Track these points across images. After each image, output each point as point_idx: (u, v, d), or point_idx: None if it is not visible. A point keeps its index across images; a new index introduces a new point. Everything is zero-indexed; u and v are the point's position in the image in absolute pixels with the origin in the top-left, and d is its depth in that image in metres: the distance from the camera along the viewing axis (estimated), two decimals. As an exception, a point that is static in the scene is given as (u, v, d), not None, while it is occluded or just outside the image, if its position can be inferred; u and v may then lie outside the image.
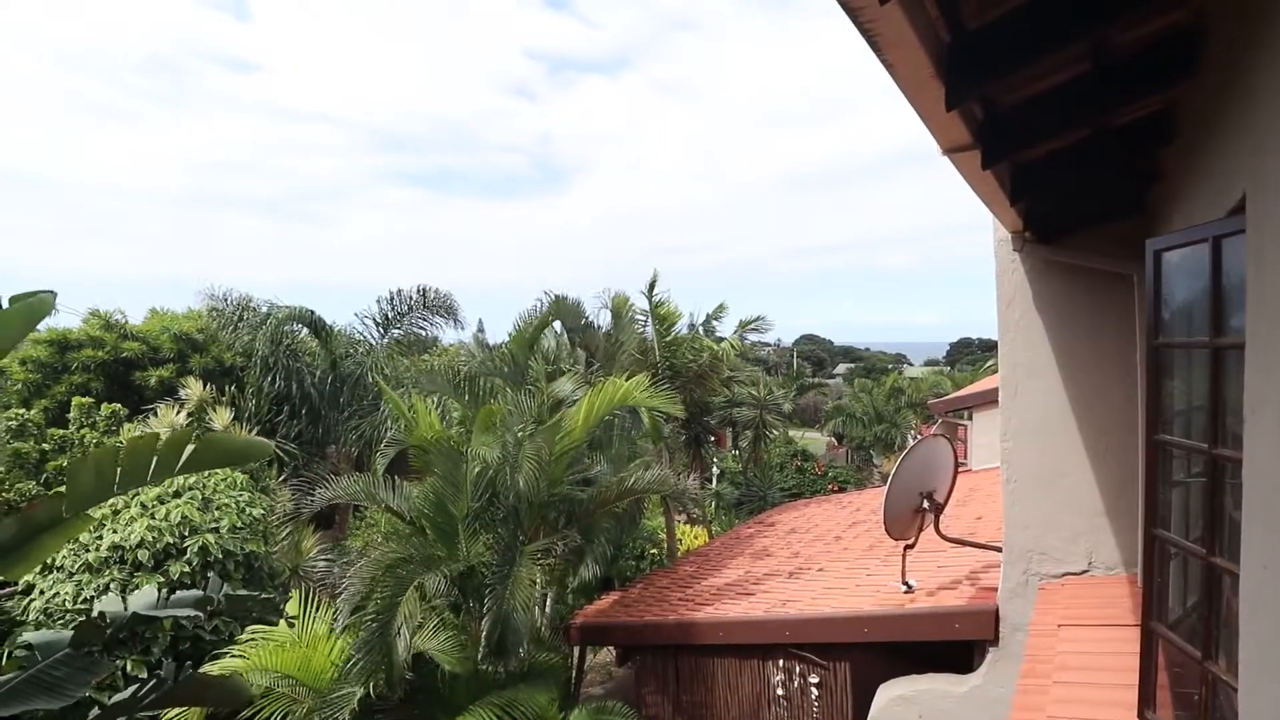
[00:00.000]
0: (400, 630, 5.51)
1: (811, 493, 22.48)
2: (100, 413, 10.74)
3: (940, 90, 2.14)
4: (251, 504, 8.37)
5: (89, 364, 12.73)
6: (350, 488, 7.36)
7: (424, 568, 6.38)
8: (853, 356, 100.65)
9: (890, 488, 5.14)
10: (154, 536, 7.16)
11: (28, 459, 10.31)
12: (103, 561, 7.02)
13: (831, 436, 34.64)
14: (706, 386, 13.61)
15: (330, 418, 13.21)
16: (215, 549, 7.35)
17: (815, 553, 8.39)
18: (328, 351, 13.58)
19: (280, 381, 12.51)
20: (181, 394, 11.65)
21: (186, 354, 13.63)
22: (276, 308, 12.99)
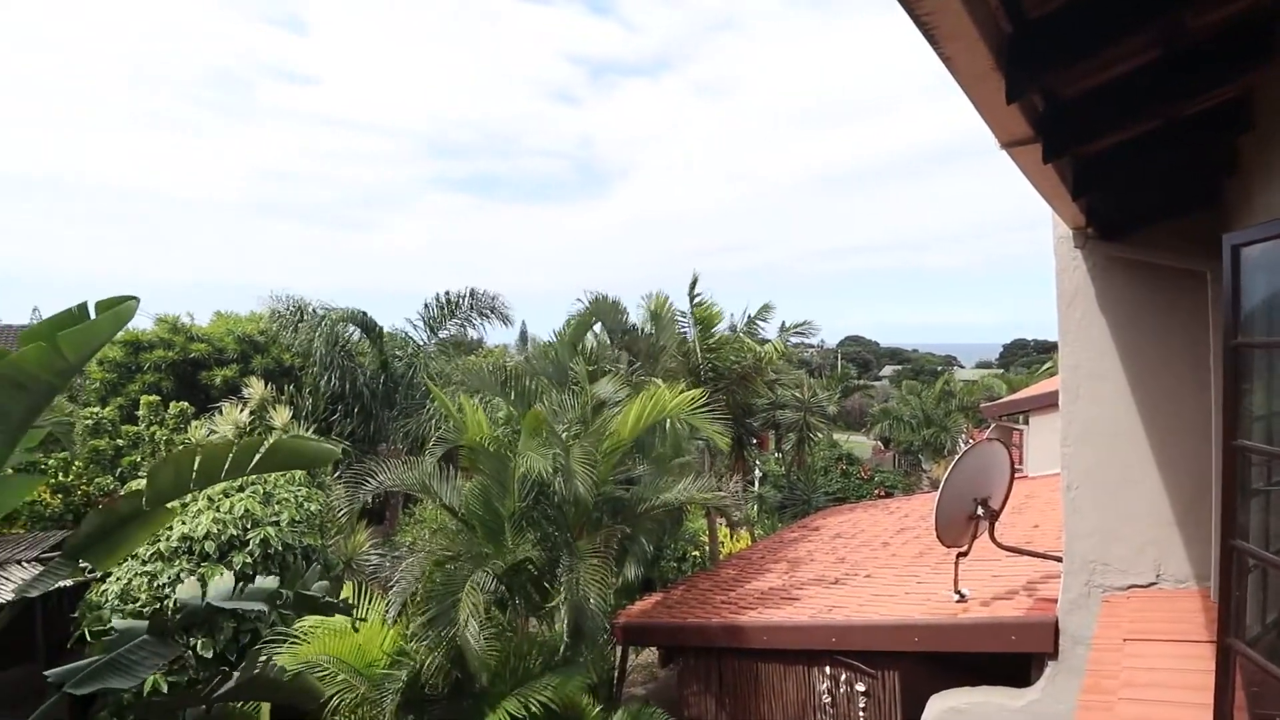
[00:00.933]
0: (451, 622, 5.64)
1: (857, 497, 22.03)
2: (169, 411, 11.33)
3: (1000, 83, 2.08)
4: (309, 499, 8.70)
5: (160, 364, 13.45)
6: (407, 477, 7.57)
7: (472, 564, 6.52)
8: (899, 358, 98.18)
9: (942, 493, 5.00)
10: (219, 529, 7.53)
11: (104, 455, 10.95)
12: (173, 551, 7.42)
13: (878, 440, 33.85)
14: (750, 388, 13.49)
15: (381, 416, 13.63)
16: (276, 541, 7.67)
17: (862, 559, 8.22)
18: (379, 352, 14.02)
19: (336, 381, 12.98)
20: (244, 393, 12.20)
21: (249, 354, 14.26)
22: (332, 309, 13.49)
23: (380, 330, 14.16)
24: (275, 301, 13.68)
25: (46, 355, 2.74)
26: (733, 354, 13.03)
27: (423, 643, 5.95)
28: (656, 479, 8.25)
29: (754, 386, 13.65)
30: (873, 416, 33.70)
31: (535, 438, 7.24)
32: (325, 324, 13.09)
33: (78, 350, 2.83)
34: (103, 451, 10.89)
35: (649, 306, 12.64)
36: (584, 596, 6.28)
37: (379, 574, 9.21)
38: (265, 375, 13.32)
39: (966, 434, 27.68)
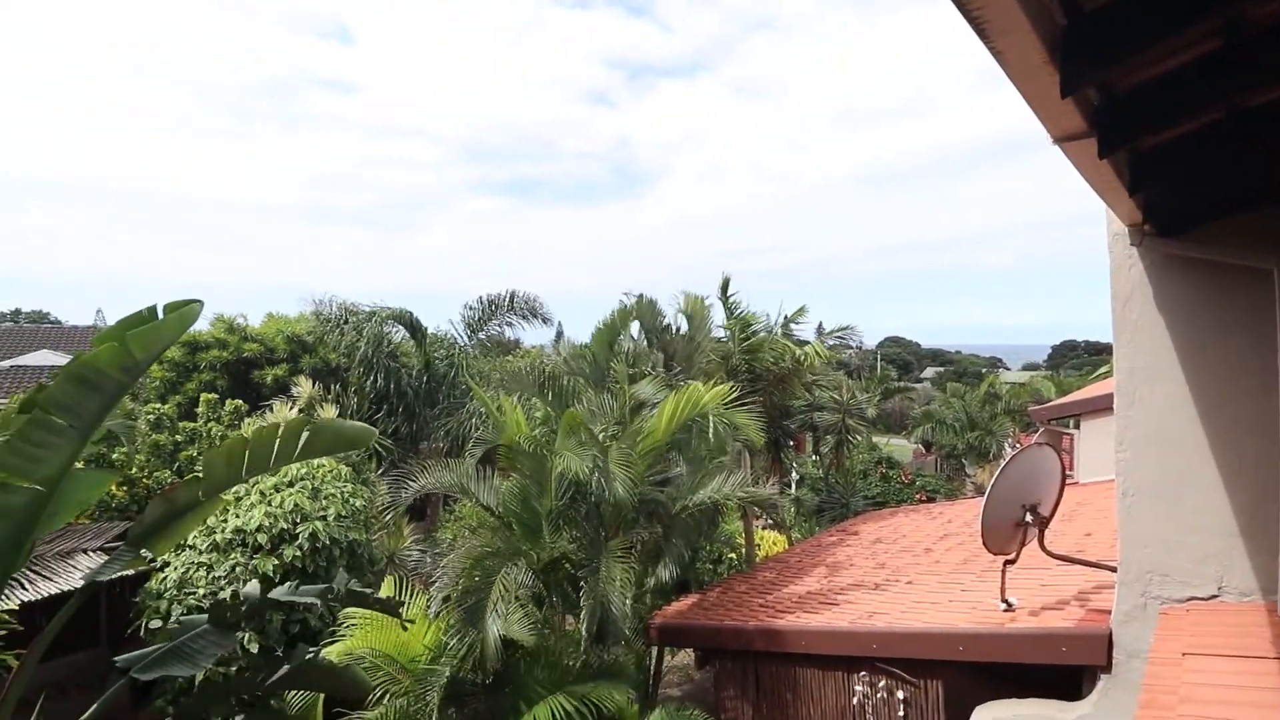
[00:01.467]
0: (490, 618, 5.74)
1: (897, 502, 21.57)
2: (224, 408, 11.81)
3: (1053, 76, 2.03)
4: (354, 495, 8.96)
5: (215, 363, 14.02)
6: (446, 478, 7.73)
7: (510, 561, 6.62)
8: (942, 360, 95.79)
9: (989, 498, 4.87)
10: (270, 522, 7.81)
11: (164, 449, 11.48)
12: (227, 543, 7.74)
13: (919, 443, 33.11)
14: (787, 390, 13.35)
15: (424, 415, 13.95)
16: (323, 535, 7.93)
17: (903, 564, 8.06)
18: (422, 352, 14.36)
19: (380, 381, 13.33)
20: (293, 391, 12.63)
21: (298, 355, 14.76)
22: (379, 309, 13.87)
23: (425, 331, 14.50)
24: (320, 305, 14.14)
25: (117, 355, 2.91)
26: (770, 355, 12.93)
27: (463, 637, 6.07)
28: (693, 479, 8.24)
29: (791, 388, 13.51)
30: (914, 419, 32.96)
31: (572, 437, 7.32)
32: (373, 324, 13.47)
33: (146, 350, 2.99)
34: (163, 446, 11.41)
35: (683, 307, 12.64)
36: (606, 596, 6.29)
37: (420, 569, 9.44)
38: (313, 375, 13.77)
39: (1013, 438, 26.84)
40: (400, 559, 10.12)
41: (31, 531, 3.18)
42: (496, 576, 6.03)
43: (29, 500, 3.04)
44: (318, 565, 7.95)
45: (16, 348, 20.64)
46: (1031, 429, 22.60)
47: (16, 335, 24.30)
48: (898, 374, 58.04)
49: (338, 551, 8.17)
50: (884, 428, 38.74)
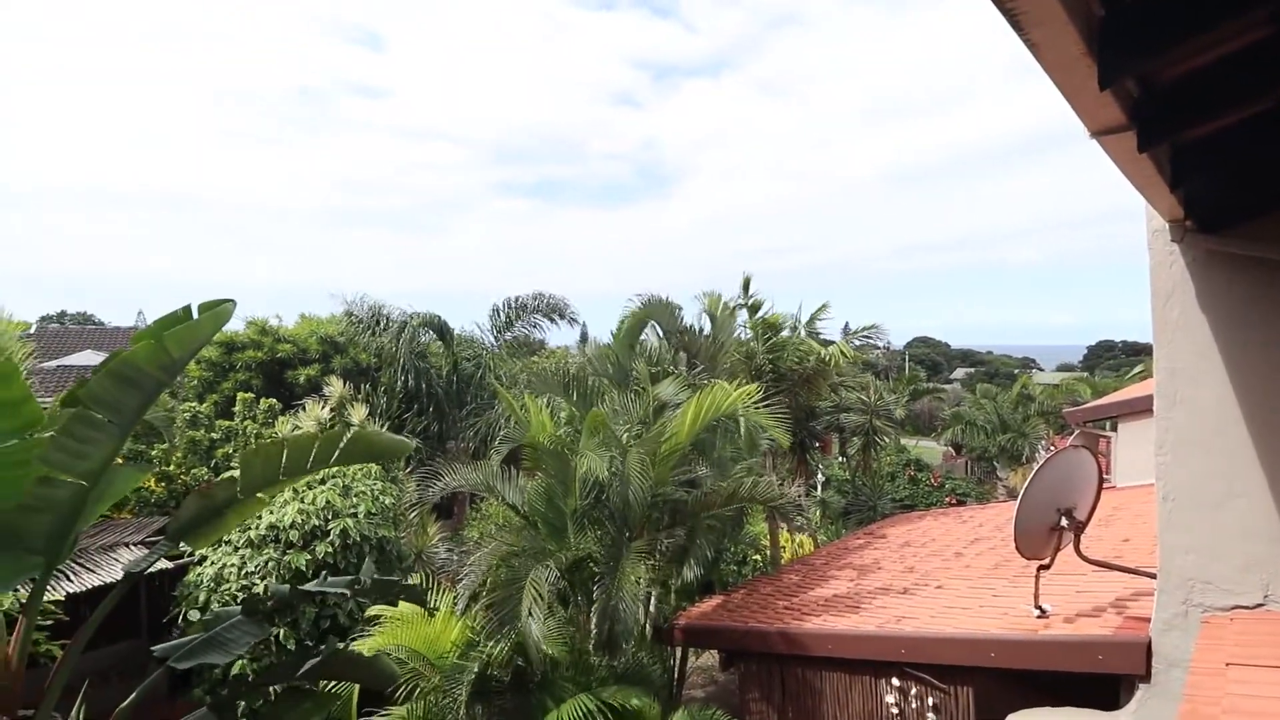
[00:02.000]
0: (528, 619, 5.78)
1: (926, 505, 21.22)
2: (259, 407, 12.10)
3: (1091, 68, 1.97)
4: (384, 493, 9.12)
5: (250, 363, 14.38)
6: (472, 478, 7.81)
7: (535, 560, 6.66)
8: (972, 360, 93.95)
9: (1023, 501, 4.76)
10: (303, 519, 7.99)
11: (200, 446, 11.81)
12: (261, 539, 7.94)
13: (949, 446, 32.50)
14: (812, 390, 13.22)
15: (452, 415, 14.13)
16: (354, 532, 8.08)
17: (932, 568, 7.91)
18: (450, 354, 14.55)
19: (410, 381, 13.54)
20: (325, 391, 12.89)
21: (330, 355, 15.06)
22: (412, 314, 14.09)
23: (452, 333, 14.70)
24: (352, 305, 14.42)
25: (155, 353, 3.00)
26: (794, 355, 12.81)
27: (489, 635, 6.12)
28: (717, 480, 8.20)
29: (817, 389, 13.37)
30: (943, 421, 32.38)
31: (595, 438, 7.35)
32: (408, 330, 13.71)
33: (182, 348, 3.08)
34: (199, 443, 11.74)
35: (705, 306, 12.59)
36: (619, 597, 6.27)
37: (447, 567, 9.56)
38: (344, 375, 14.04)
39: (1048, 441, 26.20)
40: (428, 556, 10.26)
41: (74, 524, 3.30)
42: (528, 577, 6.06)
43: (73, 494, 3.15)
44: (348, 561, 8.11)
45: (62, 348, 21.41)
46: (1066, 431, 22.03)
47: (62, 336, 25.22)
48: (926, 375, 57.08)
49: (368, 548, 8.32)
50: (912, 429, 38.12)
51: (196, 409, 12.11)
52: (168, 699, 8.51)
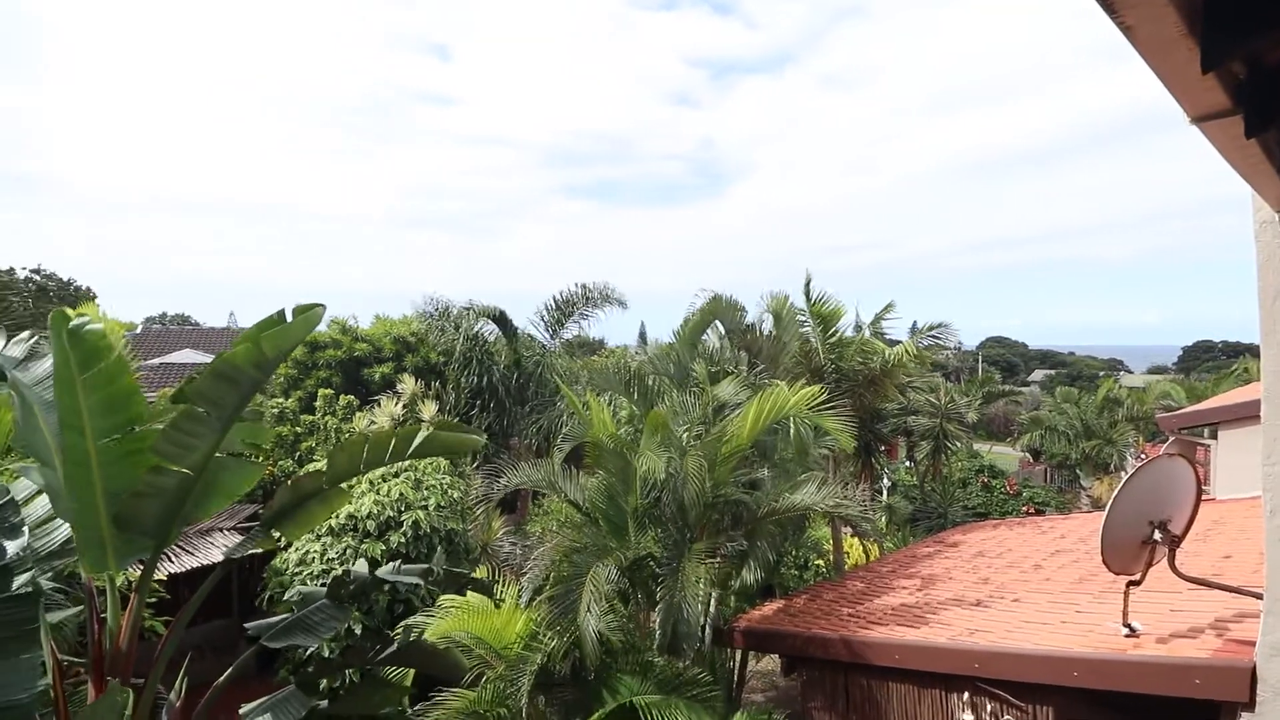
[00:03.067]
0: (585, 615, 5.88)
1: (1001, 513, 20.24)
2: (339, 403, 12.77)
3: (1192, 50, 1.84)
4: (452, 486, 9.45)
5: (331, 362, 15.18)
6: (535, 475, 7.99)
7: (596, 557, 6.75)
8: (1052, 361, 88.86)
9: (1111, 512, 4.48)
10: (379, 509, 8.38)
11: (286, 440, 12.55)
12: (341, 528, 8.38)
13: (1026, 452, 30.86)
14: (878, 392, 12.82)
15: (514, 412, 14.50)
16: (425, 524, 8.42)
17: (1009, 581, 7.55)
18: (513, 350, 14.93)
19: (475, 377, 13.98)
20: (399, 388, 13.47)
21: (402, 353, 15.73)
22: (472, 305, 14.57)
23: (514, 329, 15.08)
24: (426, 304, 15.04)
25: (252, 353, 3.24)
26: (859, 355, 12.46)
27: (551, 629, 6.25)
28: (779, 483, 8.09)
29: (883, 390, 12.95)
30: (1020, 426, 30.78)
31: (655, 438, 7.37)
32: (466, 320, 14.16)
33: (277, 349, 3.31)
34: (285, 437, 12.48)
35: (769, 306, 12.40)
36: (681, 599, 6.26)
37: (511, 561, 9.82)
38: (415, 372, 14.62)
39: (1138, 448, 24.51)
40: (492, 549, 10.57)
41: (179, 510, 3.59)
42: (588, 574, 6.16)
43: (179, 482, 3.44)
44: (419, 551, 8.45)
45: (163, 347, 23.18)
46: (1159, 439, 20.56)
47: (163, 336, 27.29)
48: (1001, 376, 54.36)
49: (437, 539, 8.64)
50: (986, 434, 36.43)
51: (283, 405, 12.88)
52: (255, 675, 9.11)
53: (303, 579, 8.09)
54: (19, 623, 2.90)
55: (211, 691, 3.92)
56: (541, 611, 6.29)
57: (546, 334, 15.82)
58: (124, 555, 3.58)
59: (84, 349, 3.22)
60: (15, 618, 2.91)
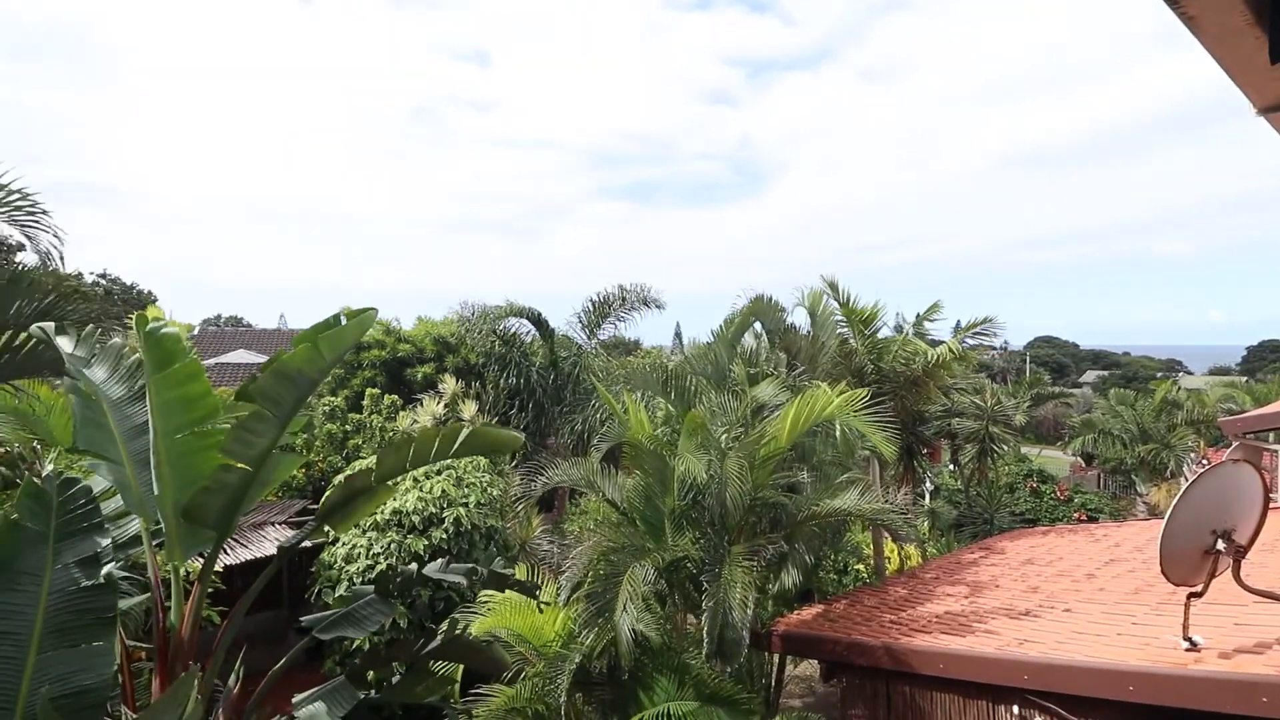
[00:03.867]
0: (621, 615, 5.91)
1: (1051, 520, 19.56)
2: (383, 402, 13.12)
3: (1260, 40, 1.77)
4: (491, 485, 9.61)
5: (376, 362, 15.60)
6: (574, 474, 8.06)
7: (633, 557, 6.77)
8: (1105, 362, 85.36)
9: (1171, 520, 4.30)
10: (422, 505, 8.58)
11: (335, 437, 12.95)
12: (386, 523, 8.61)
13: (1077, 456, 29.72)
14: (921, 394, 12.52)
15: (551, 412, 14.65)
16: (466, 521, 8.58)
17: (1060, 590, 7.30)
18: (550, 351, 15.10)
19: (512, 377, 14.18)
20: (440, 387, 13.76)
21: (443, 354, 16.07)
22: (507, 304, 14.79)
23: (551, 330, 15.24)
24: (462, 307, 15.32)
25: (310, 355, 3.38)
26: (900, 356, 12.18)
27: (589, 628, 6.29)
28: (818, 486, 7.97)
29: (925, 392, 12.64)
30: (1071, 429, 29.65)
31: (693, 439, 7.35)
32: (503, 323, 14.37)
33: (332, 351, 3.45)
34: (334, 434, 12.88)
35: (805, 304, 12.20)
36: (727, 604, 6.22)
37: (549, 559, 9.93)
38: (456, 372, 14.92)
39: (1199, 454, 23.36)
40: (530, 547, 10.70)
41: (241, 504, 3.77)
42: (625, 573, 6.19)
43: (241, 478, 3.60)
44: (460, 548, 8.62)
45: (219, 348, 24.17)
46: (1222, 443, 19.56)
47: (219, 338, 28.44)
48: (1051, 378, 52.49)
49: (478, 536, 8.80)
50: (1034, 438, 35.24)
51: (332, 403, 13.29)
52: (303, 666, 9.43)
53: (349, 574, 8.34)
54: (99, 610, 3.08)
55: (266, 680, 4.09)
56: (579, 609, 6.34)
57: (584, 334, 15.94)
58: (189, 547, 3.77)
59: (160, 351, 3.40)
60: (96, 605, 3.09)
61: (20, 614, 2.99)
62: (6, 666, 2.89)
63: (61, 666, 2.93)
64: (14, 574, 3.19)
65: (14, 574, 3.19)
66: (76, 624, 2.99)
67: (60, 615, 3.01)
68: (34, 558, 3.23)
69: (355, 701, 3.87)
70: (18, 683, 2.87)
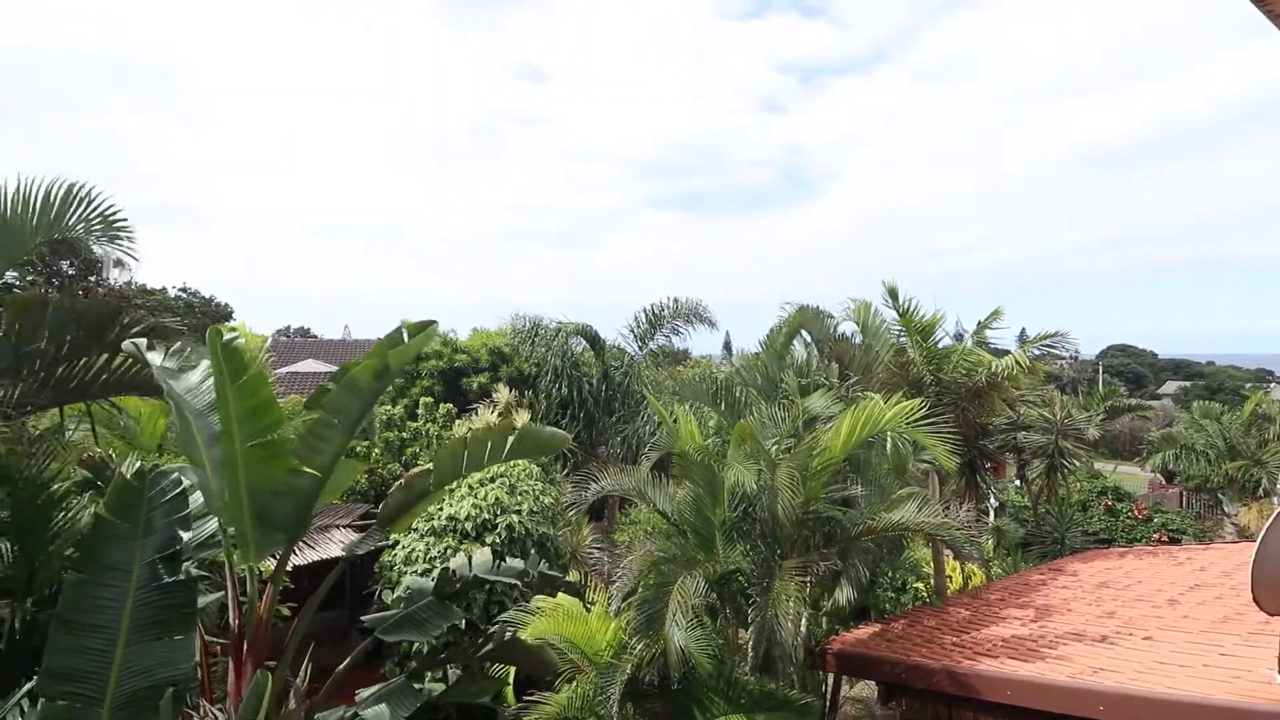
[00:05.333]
0: (671, 627, 5.89)
1: (1128, 540, 18.45)
2: (439, 411, 13.50)
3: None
4: (544, 493, 9.75)
5: (433, 371, 16.08)
6: (625, 483, 8.10)
7: (684, 568, 6.73)
8: (1187, 372, 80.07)
9: (1264, 543, 3.99)
10: (476, 512, 8.78)
11: (393, 445, 13.40)
12: (443, 528, 8.84)
13: (1157, 473, 27.93)
14: (984, 405, 12.02)
15: (602, 422, 14.78)
16: (519, 527, 8.73)
17: (1138, 616, 6.87)
18: (601, 362, 15.25)
19: (564, 388, 14.39)
20: (494, 397, 14.07)
21: (498, 364, 16.43)
22: (563, 323, 15.02)
23: (603, 343, 15.40)
24: (516, 320, 15.65)
25: (375, 367, 3.55)
26: (961, 366, 11.73)
27: (637, 636, 6.28)
28: (874, 500, 7.75)
29: (989, 404, 12.13)
30: (1150, 444, 27.88)
31: (743, 449, 7.26)
32: (560, 338, 14.62)
33: (395, 363, 3.61)
34: (392, 442, 13.33)
35: (854, 314, 11.92)
36: (775, 619, 6.09)
37: (600, 567, 9.98)
38: (509, 382, 15.23)
39: (1296, 472, 21.56)
40: (581, 556, 10.78)
41: (311, 507, 3.96)
42: (675, 585, 6.16)
43: (311, 483, 3.79)
44: (513, 554, 8.77)
45: (290, 357, 25.40)
46: (1324, 462, 18.06)
47: (289, 348, 29.89)
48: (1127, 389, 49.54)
49: (530, 543, 8.93)
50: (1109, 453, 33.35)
51: (392, 412, 13.77)
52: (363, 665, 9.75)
53: (407, 577, 8.60)
54: (181, 606, 3.29)
55: (334, 677, 4.26)
56: (629, 618, 6.33)
57: (635, 345, 16.06)
58: (263, 548, 3.97)
59: (235, 362, 3.62)
60: (179, 601, 3.29)
61: (110, 608, 3.22)
62: (98, 659, 3.11)
63: (147, 660, 3.14)
64: (103, 569, 3.43)
65: (103, 569, 3.43)
66: (160, 619, 3.20)
67: (145, 610, 3.23)
68: (122, 553, 3.46)
69: (418, 704, 3.99)
70: (107, 674, 3.08)
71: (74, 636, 3.14)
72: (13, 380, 4.35)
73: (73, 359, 4.45)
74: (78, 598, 3.27)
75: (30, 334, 4.33)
